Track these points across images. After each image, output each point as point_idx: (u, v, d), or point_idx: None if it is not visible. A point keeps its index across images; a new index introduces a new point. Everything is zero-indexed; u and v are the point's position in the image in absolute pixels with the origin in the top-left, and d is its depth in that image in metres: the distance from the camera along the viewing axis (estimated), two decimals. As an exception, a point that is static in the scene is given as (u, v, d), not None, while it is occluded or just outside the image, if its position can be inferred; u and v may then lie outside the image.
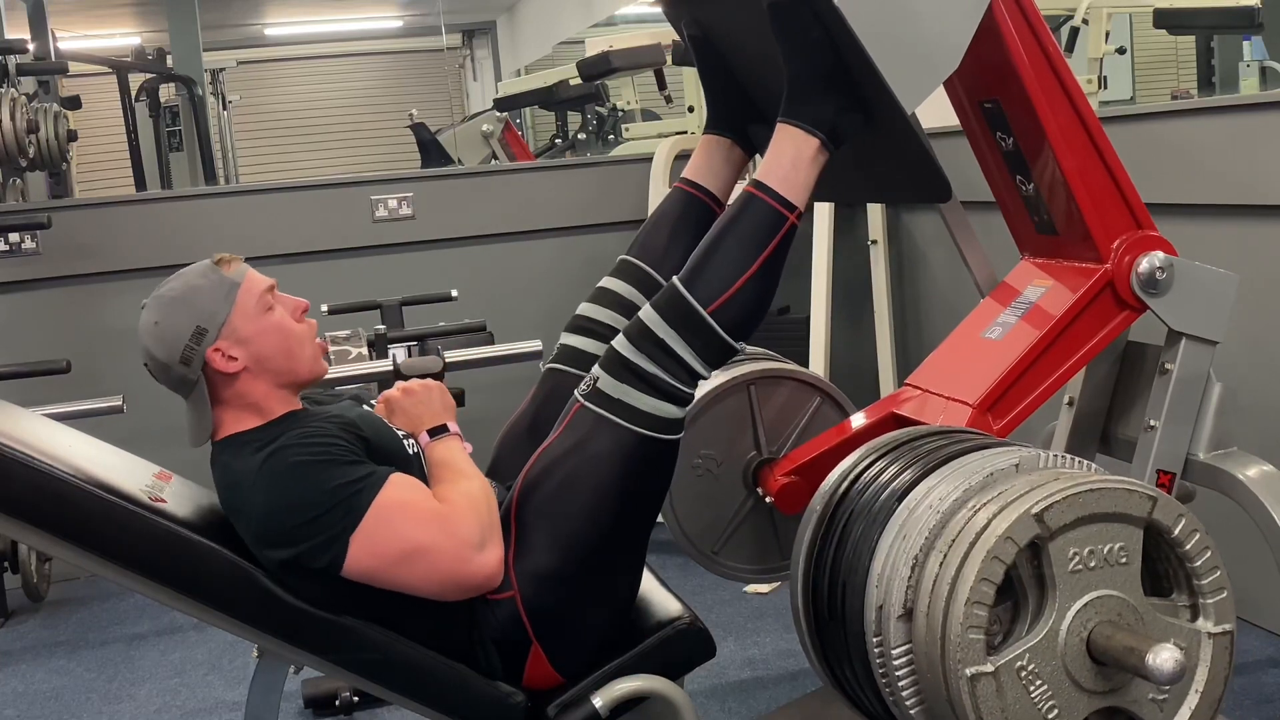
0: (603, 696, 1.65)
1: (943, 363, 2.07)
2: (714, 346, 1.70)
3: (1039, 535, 1.32)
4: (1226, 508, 1.88)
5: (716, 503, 2.29)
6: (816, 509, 1.63)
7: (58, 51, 6.02)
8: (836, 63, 1.71)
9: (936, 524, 1.39)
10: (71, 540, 1.63)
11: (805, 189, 1.74)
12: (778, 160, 1.74)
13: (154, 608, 3.38)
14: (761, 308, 1.75)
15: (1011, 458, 1.45)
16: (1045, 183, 1.96)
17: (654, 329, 1.68)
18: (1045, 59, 1.86)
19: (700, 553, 2.33)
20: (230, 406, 1.75)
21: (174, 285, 1.76)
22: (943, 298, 3.82)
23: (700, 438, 2.25)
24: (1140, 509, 1.37)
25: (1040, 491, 1.35)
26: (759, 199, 1.72)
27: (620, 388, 1.68)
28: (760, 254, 1.70)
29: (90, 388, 3.25)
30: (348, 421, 1.72)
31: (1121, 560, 1.36)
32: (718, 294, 1.68)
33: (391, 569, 1.61)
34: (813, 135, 1.72)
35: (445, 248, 4.05)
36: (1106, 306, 1.91)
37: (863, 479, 1.60)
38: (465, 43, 12.25)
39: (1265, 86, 7.25)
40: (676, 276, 1.72)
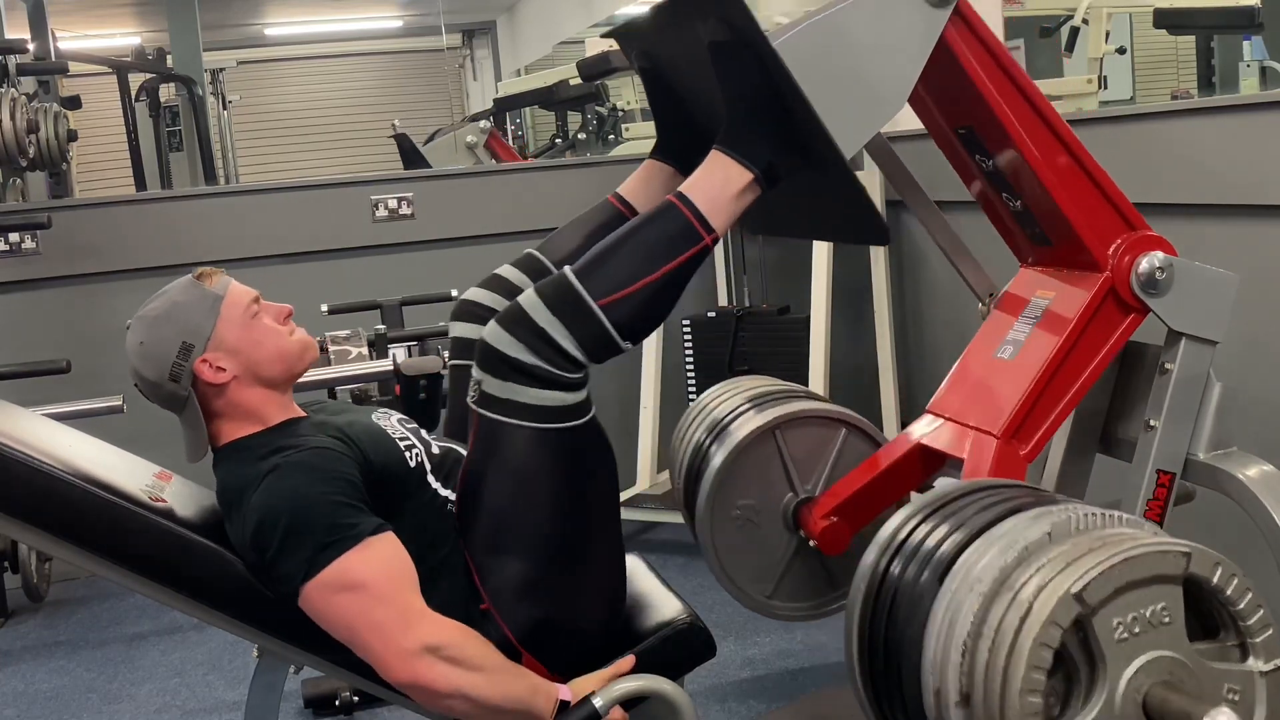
0: (603, 696, 1.64)
1: (960, 386, 2.07)
2: (599, 339, 1.62)
3: (1081, 614, 1.34)
4: (1226, 508, 1.88)
5: (762, 549, 2.31)
6: (861, 591, 1.62)
7: (58, 51, 6.02)
8: (776, 104, 1.65)
9: (980, 609, 1.39)
10: (71, 540, 1.63)
11: (728, 217, 1.68)
12: (707, 181, 1.68)
13: (154, 608, 3.38)
14: (656, 317, 1.68)
15: (1043, 525, 1.44)
16: (1031, 199, 1.96)
17: (531, 315, 1.61)
18: (1007, 80, 1.84)
19: (754, 600, 2.34)
20: (226, 417, 1.76)
21: (157, 304, 1.75)
22: (943, 298, 3.82)
23: (735, 489, 2.27)
24: (1176, 567, 1.37)
25: (1076, 569, 1.35)
26: (679, 211, 1.66)
27: (505, 386, 1.62)
28: (666, 264, 1.64)
29: (90, 388, 3.24)
30: (348, 440, 1.71)
31: (1165, 620, 1.37)
32: (612, 290, 1.61)
33: (332, 618, 1.59)
34: (747, 170, 1.67)
35: (445, 248, 4.05)
36: (1112, 313, 1.91)
37: (902, 553, 1.59)
38: (465, 43, 12.25)
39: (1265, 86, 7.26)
40: (569, 266, 1.65)
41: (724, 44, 1.65)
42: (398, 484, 1.72)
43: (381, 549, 1.60)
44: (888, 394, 3.85)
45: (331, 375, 2.88)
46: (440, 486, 1.77)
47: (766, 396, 2.38)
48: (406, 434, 1.81)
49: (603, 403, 4.24)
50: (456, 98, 11.92)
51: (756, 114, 1.67)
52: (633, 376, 3.84)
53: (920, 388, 4.08)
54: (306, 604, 1.59)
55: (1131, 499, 1.90)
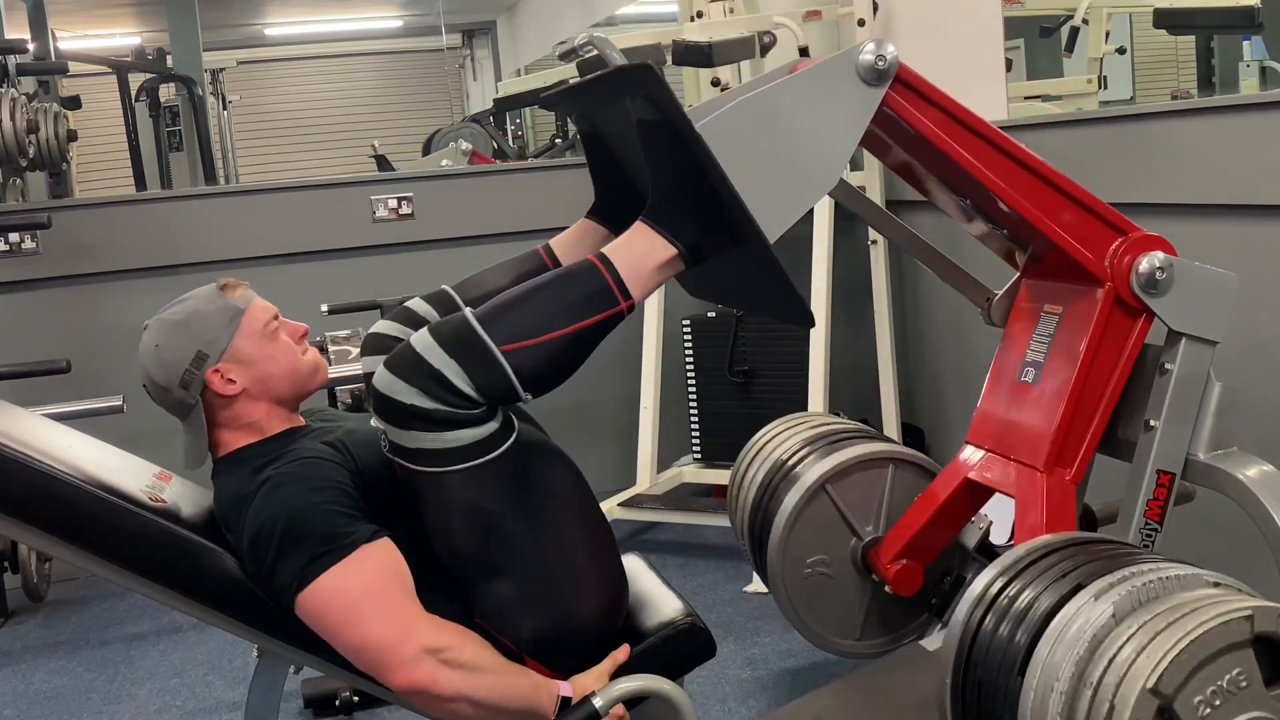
0: (603, 696, 1.65)
1: (993, 416, 2.10)
2: (498, 382, 1.54)
3: (1162, 705, 1.35)
4: (1227, 508, 1.88)
5: (842, 600, 2.35)
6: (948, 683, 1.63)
7: (58, 51, 6.01)
8: (702, 184, 1.59)
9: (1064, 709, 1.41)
10: (71, 540, 1.63)
11: (647, 287, 1.63)
12: (630, 248, 1.62)
13: (154, 608, 3.38)
14: (560, 373, 1.60)
15: (1105, 606, 1.45)
16: (1017, 228, 1.98)
17: (425, 356, 1.53)
18: (958, 125, 1.82)
19: (845, 647, 2.39)
20: (229, 427, 1.76)
21: (178, 309, 1.75)
22: (943, 298, 3.82)
23: (801, 549, 2.31)
24: (1242, 633, 1.38)
25: (1148, 658, 1.36)
26: (598, 272, 1.60)
27: (410, 435, 1.56)
28: (578, 322, 1.57)
29: (90, 388, 3.25)
30: (344, 451, 1.71)
31: (1243, 684, 1.38)
32: (519, 338, 1.55)
33: (327, 624, 1.59)
34: (671, 245, 1.61)
35: (445, 248, 4.05)
36: (1122, 321, 1.91)
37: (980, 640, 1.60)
38: (465, 43, 12.24)
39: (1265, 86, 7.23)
40: (469, 309, 1.59)
41: (650, 123, 1.60)
42: (395, 492, 1.71)
43: (376, 556, 1.60)
44: (888, 394, 3.85)
45: (331, 375, 2.88)
46: None
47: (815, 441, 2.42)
48: None
49: (603, 403, 4.25)
50: (456, 98, 11.91)
51: (682, 193, 1.61)
52: (633, 376, 3.83)
53: (920, 388, 4.08)
54: (303, 613, 1.59)
55: (1131, 499, 1.90)
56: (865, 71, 1.72)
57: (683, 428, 3.99)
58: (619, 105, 1.69)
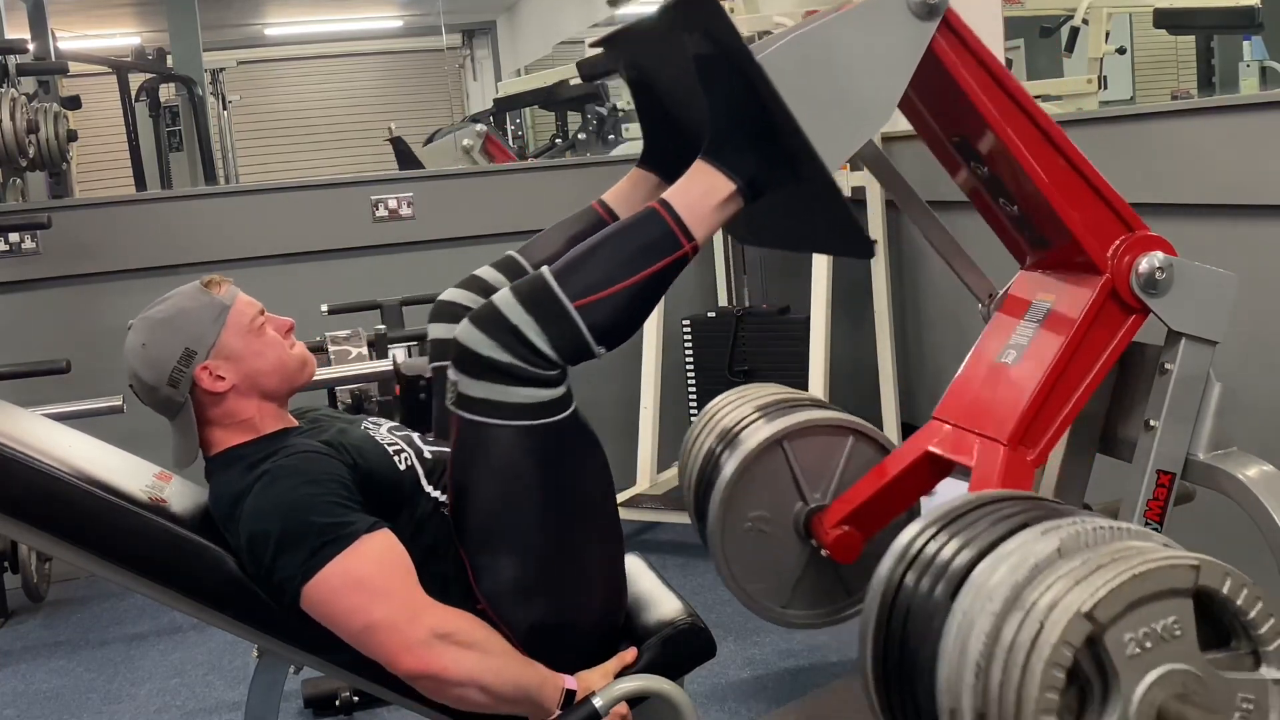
0: (603, 696, 1.64)
1: (966, 392, 2.07)
2: (572, 341, 1.59)
3: (1093, 632, 1.34)
4: (1226, 508, 1.88)
5: (776, 561, 2.31)
6: (874, 608, 1.61)
7: (58, 51, 6.02)
8: (761, 117, 1.63)
9: (992, 630, 1.39)
10: (71, 540, 1.63)
11: (710, 227, 1.66)
12: (689, 189, 1.66)
13: (154, 608, 3.38)
14: (631, 323, 1.65)
15: (1052, 541, 1.45)
16: (1027, 204, 1.96)
17: (505, 313, 1.58)
18: (998, 88, 1.83)
19: (769, 612, 2.34)
20: (220, 425, 1.76)
21: (162, 308, 1.75)
22: (943, 298, 3.82)
23: (745, 501, 2.27)
24: (1185, 580, 1.37)
25: (1086, 586, 1.35)
26: (660, 217, 1.64)
27: (481, 386, 1.60)
28: (645, 269, 1.61)
29: (90, 388, 3.24)
30: (339, 448, 1.71)
31: (1177, 633, 1.37)
32: (589, 292, 1.59)
33: (334, 616, 1.58)
34: (730, 180, 1.65)
35: (445, 248, 4.05)
36: (1114, 314, 1.91)
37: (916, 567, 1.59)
38: (465, 43, 12.26)
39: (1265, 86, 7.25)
40: (546, 266, 1.63)
41: (709, 57, 1.63)
42: (391, 490, 1.71)
43: (378, 544, 1.60)
44: (887, 394, 3.85)
45: (331, 375, 2.88)
46: (434, 490, 1.76)
47: (773, 406, 2.38)
48: (396, 440, 1.81)
49: (603, 403, 4.24)
50: (456, 98, 11.93)
51: (741, 127, 1.65)
52: (633, 376, 3.83)
53: (920, 388, 4.08)
54: (309, 605, 1.58)
55: (1131, 499, 1.90)
56: (916, 6, 1.75)
57: (683, 428, 3.95)
58: (671, 46, 1.71)
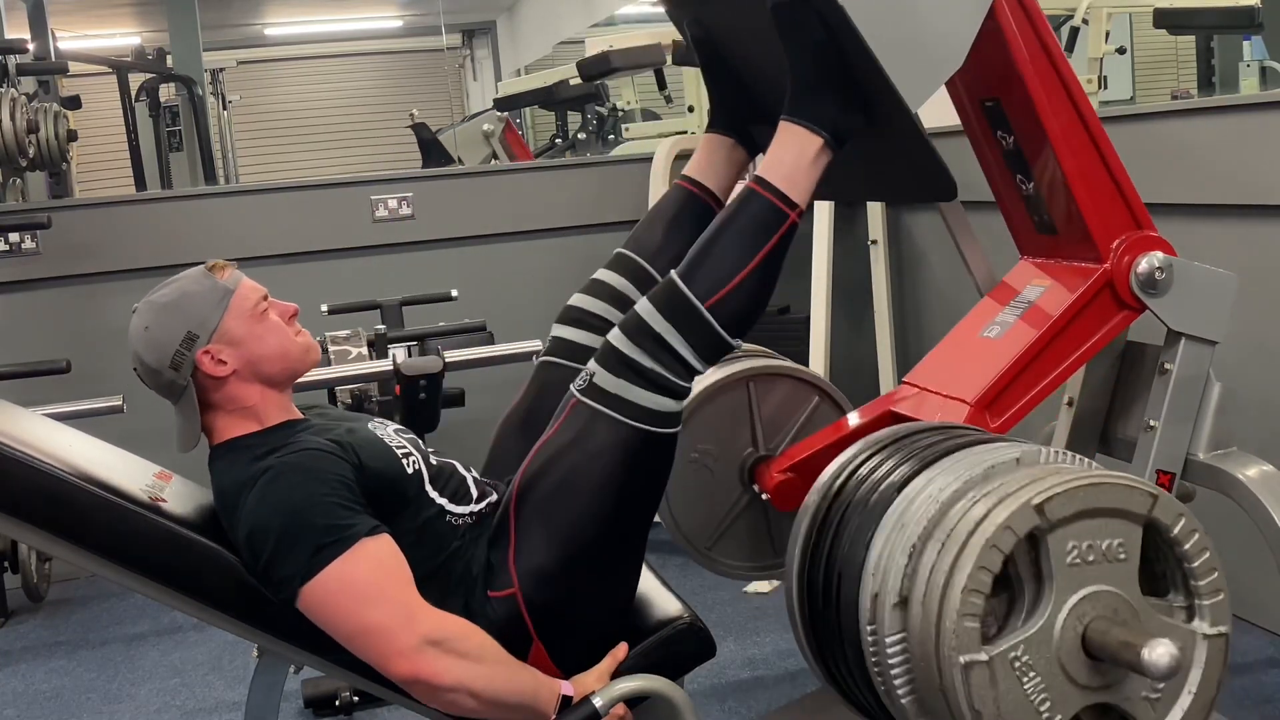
0: (603, 696, 1.64)
1: (941, 361, 2.07)
2: (710, 342, 1.68)
3: (1038, 526, 1.32)
4: (1226, 508, 1.88)
5: (712, 498, 2.29)
6: (813, 501, 1.63)
7: (58, 51, 6.02)
8: (840, 63, 1.70)
9: (936, 514, 1.39)
10: (71, 540, 1.63)
11: (808, 187, 1.73)
12: (780, 158, 1.73)
13: (154, 608, 3.39)
14: (760, 304, 1.73)
15: (1013, 452, 1.45)
16: (1045, 182, 1.95)
17: (650, 323, 1.67)
18: (1047, 58, 1.86)
19: (694, 548, 2.32)
20: (223, 411, 1.75)
21: (166, 291, 1.75)
22: (943, 298, 3.82)
23: (698, 432, 2.25)
24: (1141, 506, 1.37)
25: (1041, 484, 1.35)
26: (760, 195, 1.71)
27: (617, 383, 1.67)
28: (760, 250, 1.69)
29: (90, 388, 3.25)
30: (345, 446, 1.70)
31: (1120, 556, 1.36)
32: (715, 289, 1.67)
33: (331, 618, 1.59)
34: (816, 134, 1.72)
35: (445, 248, 4.05)
36: (1106, 306, 1.91)
37: (860, 472, 1.60)
38: (465, 43, 12.25)
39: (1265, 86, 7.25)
40: (674, 270, 1.71)
41: (787, 4, 1.68)
42: (395, 490, 1.71)
43: (378, 549, 1.60)
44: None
45: (331, 375, 2.88)
46: (438, 496, 1.76)
47: (751, 354, 2.38)
48: (404, 443, 1.80)
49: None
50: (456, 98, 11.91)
51: (821, 74, 1.71)
52: (633, 376, 3.83)
53: (920, 388, 4.08)
54: (305, 606, 1.58)
55: (1131, 499, 1.90)
56: None
57: (683, 428, 3.98)
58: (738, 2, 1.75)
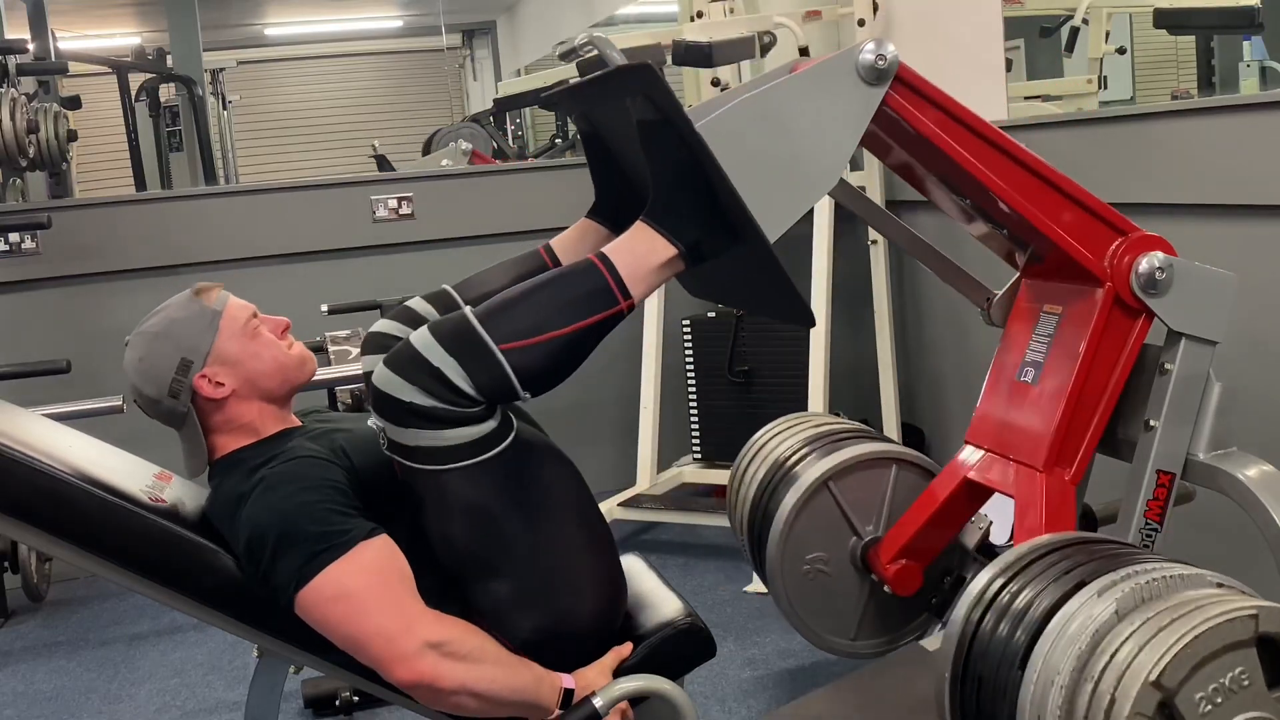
0: (603, 696, 1.65)
1: (993, 415, 2.09)
2: (497, 381, 1.54)
3: (1164, 699, 1.35)
4: (1226, 508, 1.88)
5: (838, 599, 2.35)
6: (946, 679, 1.63)
7: (58, 51, 6.00)
8: (703, 184, 1.58)
9: (1064, 703, 1.41)
10: (71, 540, 1.63)
11: (648, 287, 1.62)
12: (632, 248, 1.62)
13: (154, 608, 3.39)
14: (560, 372, 1.60)
15: (1109, 604, 1.45)
16: (1016, 228, 1.98)
17: (424, 354, 1.54)
18: (958, 124, 1.82)
19: (840, 646, 2.38)
20: (224, 431, 1.76)
21: (155, 320, 1.75)
22: (943, 298, 3.82)
23: (801, 545, 2.31)
24: (1246, 632, 1.38)
25: (1150, 653, 1.36)
26: (599, 271, 1.60)
27: (409, 433, 1.56)
28: (578, 321, 1.57)
29: (90, 388, 3.25)
30: (340, 451, 1.70)
31: (1245, 683, 1.39)
32: (518, 336, 1.55)
33: (328, 622, 1.58)
34: (671, 245, 1.61)
35: (445, 248, 4.05)
36: (1122, 321, 1.91)
37: (980, 637, 1.60)
38: (465, 43, 12.25)
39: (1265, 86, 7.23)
40: (469, 308, 1.59)
41: (650, 123, 1.59)
42: (392, 491, 1.71)
43: (374, 552, 1.60)
44: (887, 394, 3.85)
45: (331, 375, 2.88)
46: None
47: (817, 440, 2.42)
48: None
49: (603, 403, 4.24)
50: (456, 98, 11.91)
51: (682, 193, 1.60)
52: (633, 376, 3.83)
53: (920, 388, 4.08)
54: (303, 612, 1.59)
55: (1131, 499, 1.90)
56: (865, 71, 1.72)
57: (683, 428, 3.99)
58: (620, 105, 1.68)
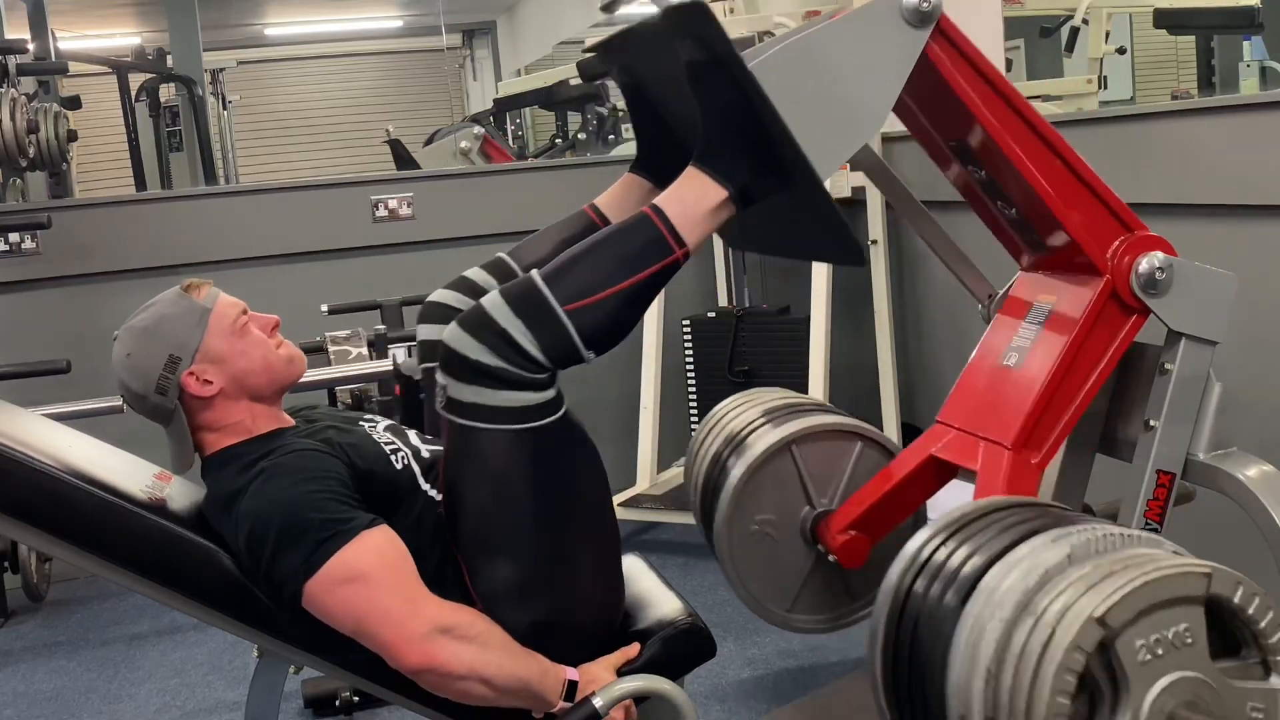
0: (603, 696, 1.64)
1: (969, 396, 2.08)
2: (562, 344, 1.58)
3: (1105, 637, 1.34)
4: (1226, 508, 1.88)
5: (780, 564, 2.32)
6: (884, 614, 1.62)
7: (58, 51, 6.01)
8: (753, 125, 1.62)
9: (1003, 634, 1.40)
10: (71, 540, 1.63)
11: (701, 233, 1.65)
12: (682, 195, 1.65)
13: (154, 608, 3.38)
14: (622, 328, 1.63)
15: (1063, 548, 1.45)
16: (1025, 207, 1.96)
17: (493, 315, 1.57)
18: (993, 92, 1.83)
19: (774, 615, 2.35)
20: (213, 429, 1.76)
21: (144, 316, 1.75)
22: (943, 298, 3.82)
23: (753, 504, 2.28)
24: (1197, 588, 1.37)
25: (1098, 592, 1.35)
26: (652, 223, 1.63)
27: (470, 390, 1.59)
28: (635, 274, 1.60)
29: (90, 388, 3.24)
30: (335, 446, 1.70)
31: (1188, 641, 1.37)
32: (579, 296, 1.58)
33: (339, 612, 1.58)
34: (722, 187, 1.63)
35: (445, 248, 4.05)
36: (1115, 316, 1.91)
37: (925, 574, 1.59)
38: (465, 43, 12.26)
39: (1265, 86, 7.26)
40: (535, 270, 1.62)
41: (701, 64, 1.62)
42: (388, 487, 1.71)
43: (378, 540, 1.60)
44: (887, 394, 3.85)
45: (331, 375, 2.88)
46: (431, 489, 1.75)
47: (780, 410, 2.39)
48: (392, 439, 1.80)
49: (603, 403, 4.23)
50: (456, 98, 11.93)
51: (732, 134, 1.63)
52: (633, 376, 3.83)
53: (920, 388, 4.08)
54: (310, 602, 1.58)
55: (1131, 499, 1.90)
56: (909, 13, 1.74)
57: (683, 428, 3.98)
58: (665, 52, 1.70)
